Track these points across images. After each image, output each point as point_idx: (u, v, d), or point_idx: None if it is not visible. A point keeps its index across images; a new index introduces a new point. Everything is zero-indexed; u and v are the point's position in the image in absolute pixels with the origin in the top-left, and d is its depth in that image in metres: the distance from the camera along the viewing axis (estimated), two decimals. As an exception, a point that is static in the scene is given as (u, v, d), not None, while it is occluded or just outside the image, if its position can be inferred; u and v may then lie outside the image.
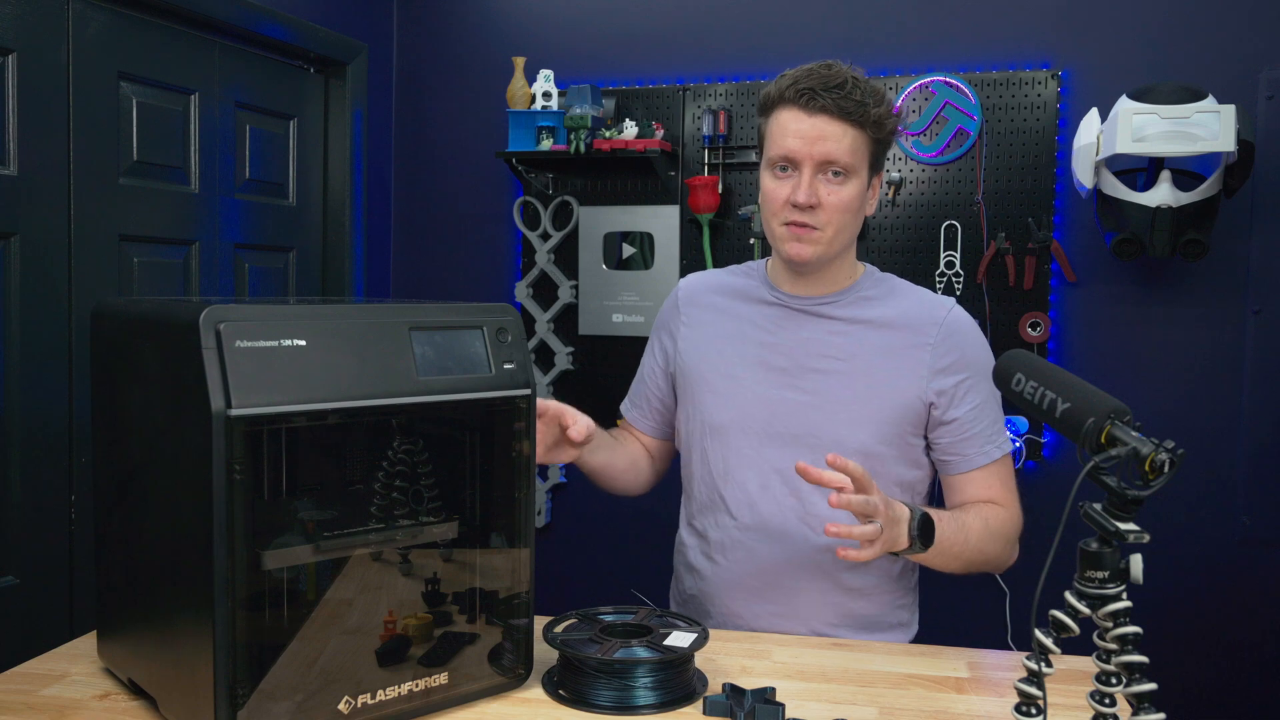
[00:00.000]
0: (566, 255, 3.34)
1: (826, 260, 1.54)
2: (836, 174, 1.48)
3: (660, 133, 3.12)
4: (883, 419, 1.53)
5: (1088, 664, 0.95)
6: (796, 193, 1.47)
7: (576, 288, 3.31)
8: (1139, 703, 0.87)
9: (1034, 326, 2.95)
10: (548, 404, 1.44)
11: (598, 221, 3.30)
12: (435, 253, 3.49)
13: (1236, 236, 2.84)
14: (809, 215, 1.48)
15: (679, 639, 1.27)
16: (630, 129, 3.08)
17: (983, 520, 1.51)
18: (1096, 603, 0.90)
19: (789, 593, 1.57)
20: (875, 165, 1.53)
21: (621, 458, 1.71)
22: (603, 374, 3.30)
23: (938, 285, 3.01)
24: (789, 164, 1.50)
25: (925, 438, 1.58)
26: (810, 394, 1.54)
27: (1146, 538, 0.87)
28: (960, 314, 1.57)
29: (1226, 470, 2.89)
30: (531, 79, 3.16)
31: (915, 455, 1.58)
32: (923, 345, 1.53)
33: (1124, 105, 2.61)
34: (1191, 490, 2.88)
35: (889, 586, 1.60)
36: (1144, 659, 0.88)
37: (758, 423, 1.57)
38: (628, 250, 3.28)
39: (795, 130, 1.48)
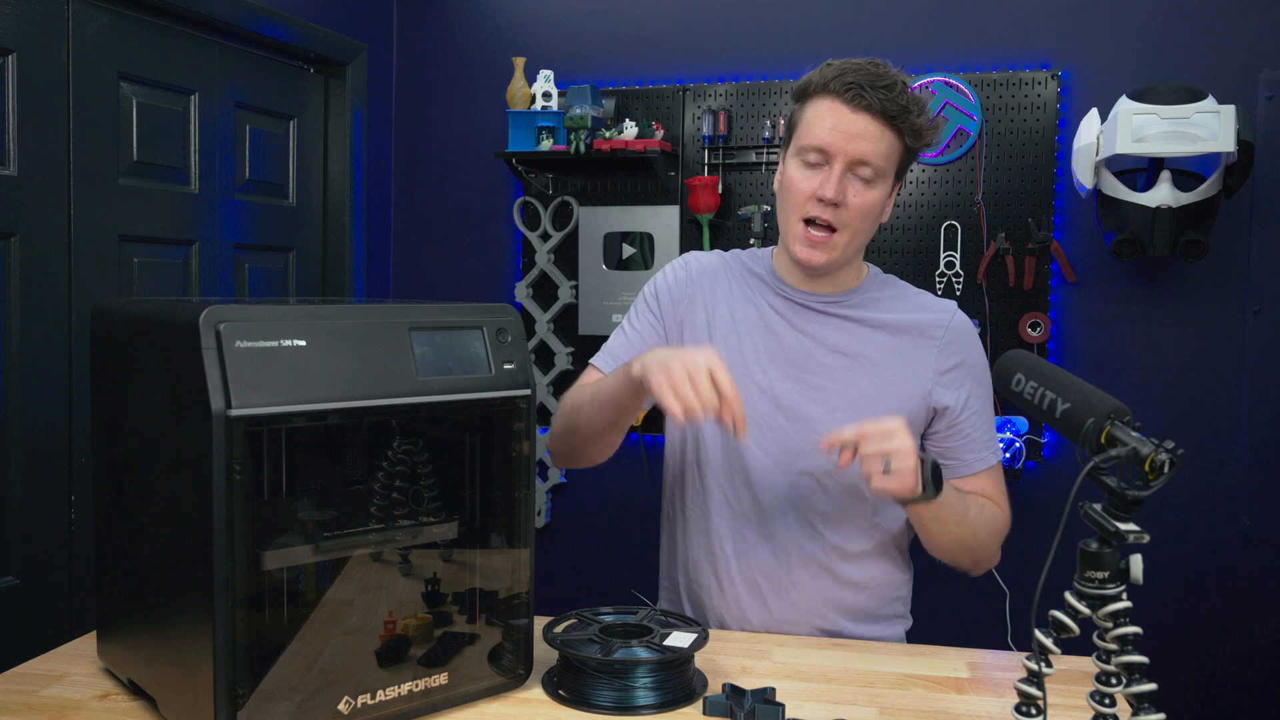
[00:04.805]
0: (566, 255, 3.34)
1: (837, 266, 1.53)
2: (866, 176, 1.45)
3: (660, 133, 3.12)
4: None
5: (1088, 664, 0.95)
6: (825, 187, 1.44)
7: (576, 288, 3.31)
8: (1139, 703, 0.87)
9: (1034, 326, 2.95)
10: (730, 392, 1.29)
11: (598, 222, 3.30)
12: (435, 253, 3.49)
13: (1236, 236, 2.84)
14: (831, 212, 1.45)
15: (679, 639, 1.27)
16: (630, 129, 3.08)
17: (979, 505, 1.51)
18: (1096, 603, 0.90)
19: (786, 586, 1.57)
20: (899, 175, 1.51)
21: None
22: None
23: (938, 285, 3.01)
24: (820, 155, 1.45)
25: (923, 441, 1.57)
26: (816, 389, 1.53)
27: (1146, 538, 0.87)
28: (963, 318, 1.58)
29: (1226, 470, 2.89)
30: (531, 79, 3.16)
31: None
32: (929, 347, 1.53)
33: (1124, 105, 2.61)
34: (1191, 490, 2.88)
35: (885, 579, 1.60)
36: (1144, 659, 0.88)
37: (761, 415, 1.55)
38: (628, 250, 3.28)
39: (834, 123, 1.43)
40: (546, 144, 3.11)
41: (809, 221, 1.48)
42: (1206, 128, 2.52)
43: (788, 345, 1.56)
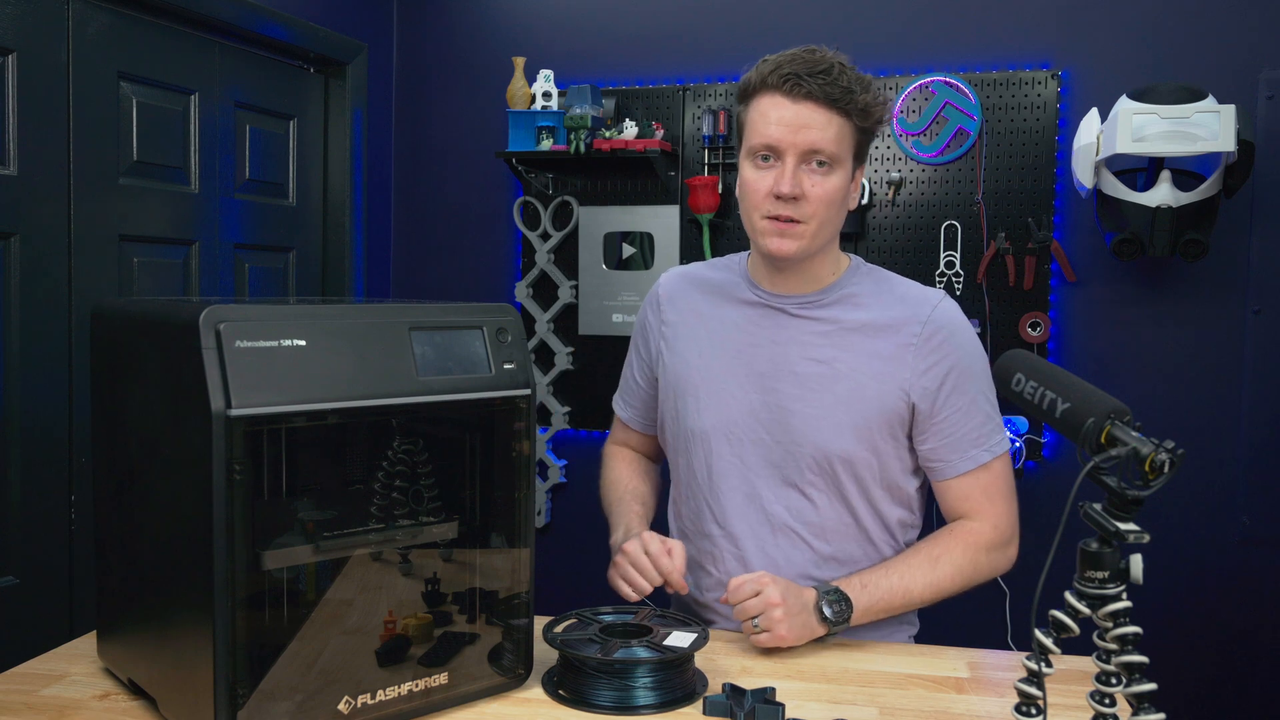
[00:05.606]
0: (566, 255, 3.34)
1: (809, 255, 1.48)
2: (821, 164, 1.42)
3: (660, 133, 3.12)
4: (867, 424, 1.48)
5: (1088, 664, 0.95)
6: (780, 183, 1.41)
7: (576, 288, 3.31)
8: (1139, 703, 0.87)
9: (1034, 326, 2.95)
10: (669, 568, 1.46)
11: (598, 221, 3.30)
12: (435, 253, 3.49)
13: (1236, 236, 2.84)
14: (792, 207, 1.42)
15: (679, 639, 1.27)
16: (630, 129, 3.08)
17: (930, 560, 1.47)
18: (1096, 603, 0.90)
19: None
20: (859, 156, 1.47)
21: (654, 493, 1.73)
22: (602, 374, 3.30)
23: (938, 285, 3.01)
24: (771, 153, 1.43)
25: (911, 442, 1.53)
26: (793, 399, 1.49)
27: (1146, 538, 0.87)
28: (947, 310, 1.51)
29: (1226, 470, 2.89)
30: (531, 79, 3.16)
31: (904, 461, 1.53)
32: (906, 345, 1.48)
33: (1124, 105, 2.61)
34: (1191, 490, 2.88)
35: None
36: (1144, 659, 0.88)
37: (740, 429, 1.52)
38: (628, 250, 3.28)
39: (778, 118, 1.41)
40: (546, 144, 3.11)
41: (770, 218, 1.45)
42: (1206, 127, 2.52)
43: (762, 357, 1.52)
